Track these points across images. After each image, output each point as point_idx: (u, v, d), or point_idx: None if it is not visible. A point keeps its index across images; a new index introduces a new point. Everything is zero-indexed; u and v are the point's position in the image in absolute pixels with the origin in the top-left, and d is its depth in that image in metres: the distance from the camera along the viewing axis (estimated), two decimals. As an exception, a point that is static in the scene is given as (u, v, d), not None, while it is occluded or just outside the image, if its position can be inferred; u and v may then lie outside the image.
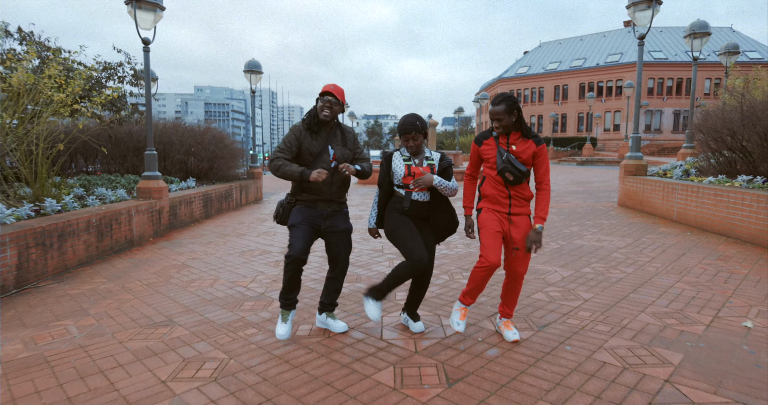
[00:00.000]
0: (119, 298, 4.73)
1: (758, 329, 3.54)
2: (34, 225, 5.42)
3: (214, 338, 3.64)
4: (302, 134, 3.46)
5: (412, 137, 3.33)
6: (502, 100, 3.17)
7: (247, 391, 2.81)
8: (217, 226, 9.31)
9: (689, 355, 3.12)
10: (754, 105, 7.57)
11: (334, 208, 3.58)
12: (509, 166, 3.16)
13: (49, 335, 3.77)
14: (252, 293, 4.78)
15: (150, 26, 8.29)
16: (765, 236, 6.12)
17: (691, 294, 4.40)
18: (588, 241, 6.82)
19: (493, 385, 2.81)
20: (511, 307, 3.53)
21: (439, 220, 3.43)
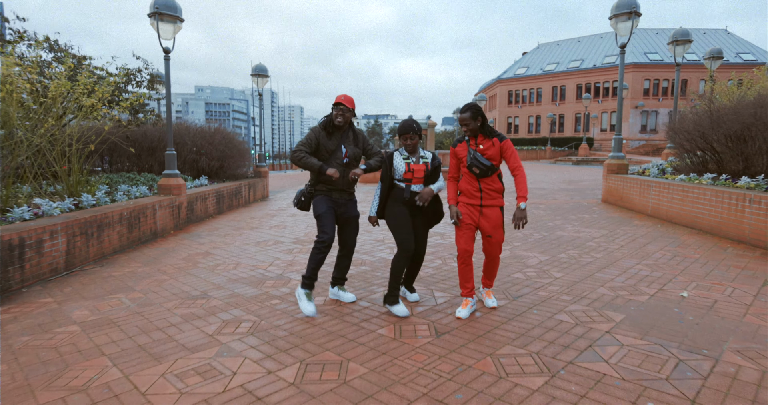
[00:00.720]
0: (157, 278, 5.50)
1: (691, 298, 4.32)
2: (78, 216, 6.20)
3: (245, 306, 4.41)
4: (320, 134, 4.16)
5: (409, 137, 4.03)
6: (467, 108, 3.87)
7: (278, 341, 3.59)
8: (230, 220, 10.08)
9: (629, 315, 3.91)
10: (721, 109, 8.34)
11: (346, 197, 4.29)
12: (475, 161, 3.85)
13: (107, 305, 4.55)
14: (272, 274, 5.55)
15: (170, 37, 9.06)
16: (721, 226, 6.90)
17: (646, 273, 5.18)
18: (568, 233, 7.60)
19: (471, 336, 3.59)
20: (490, 279, 4.29)
21: (431, 208, 4.19)
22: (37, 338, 3.72)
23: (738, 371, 2.92)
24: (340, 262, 4.47)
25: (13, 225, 5.42)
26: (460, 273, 4.07)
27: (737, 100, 8.71)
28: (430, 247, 6.68)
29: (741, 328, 3.61)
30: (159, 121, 12.07)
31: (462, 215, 3.99)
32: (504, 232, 4.04)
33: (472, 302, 4.08)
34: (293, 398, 2.74)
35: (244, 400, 2.73)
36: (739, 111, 7.96)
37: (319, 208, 4.18)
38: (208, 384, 2.93)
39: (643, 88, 49.21)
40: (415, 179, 4.07)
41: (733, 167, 8.28)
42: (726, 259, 5.72)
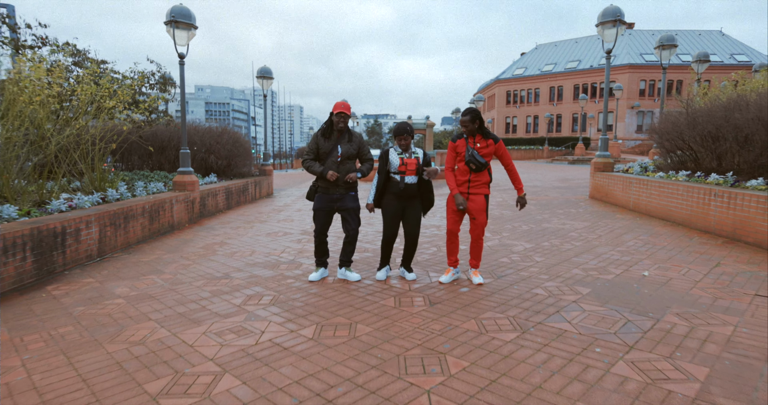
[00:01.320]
0: (181, 263, 6.16)
1: (651, 277, 4.99)
2: (107, 209, 6.86)
3: (264, 284, 5.07)
4: (319, 139, 4.97)
5: (403, 138, 4.84)
6: (468, 112, 4.63)
7: (296, 309, 4.25)
8: (239, 215, 10.74)
9: (595, 289, 4.58)
10: (696, 112, 9.02)
11: (341, 191, 5.01)
12: (473, 158, 4.60)
13: (143, 283, 5.21)
14: (285, 259, 6.22)
15: (185, 43, 9.71)
16: (691, 219, 7.58)
17: (616, 258, 5.85)
18: (554, 225, 8.27)
19: (459, 305, 4.25)
20: (477, 259, 5.01)
21: (424, 196, 4.99)
22: (91, 308, 4.38)
23: (672, 327, 3.59)
24: (344, 247, 5.19)
25: (54, 215, 6.08)
26: (447, 248, 4.96)
27: (711, 102, 9.38)
28: (428, 237, 7.34)
29: (685, 298, 4.28)
30: (171, 121, 12.70)
31: (451, 203, 4.83)
32: (487, 217, 4.80)
33: (453, 271, 5.01)
34: (313, 348, 3.41)
35: (273, 349, 3.40)
36: (712, 113, 8.63)
37: (315, 204, 5.09)
38: (243, 339, 3.59)
39: (639, 88, 49.91)
40: (408, 171, 4.82)
41: (708, 165, 8.95)
42: (690, 246, 6.40)
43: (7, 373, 3.09)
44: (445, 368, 3.04)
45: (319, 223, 5.06)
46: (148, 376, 3.01)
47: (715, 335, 3.43)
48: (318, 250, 5.20)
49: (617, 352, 3.20)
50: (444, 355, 3.22)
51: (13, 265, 4.96)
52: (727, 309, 3.98)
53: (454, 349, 3.32)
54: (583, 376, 2.89)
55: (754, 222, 6.23)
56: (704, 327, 3.60)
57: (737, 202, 6.55)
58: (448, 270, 5.04)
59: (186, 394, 2.78)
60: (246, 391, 2.80)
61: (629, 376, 2.86)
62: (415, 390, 2.78)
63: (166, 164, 12.78)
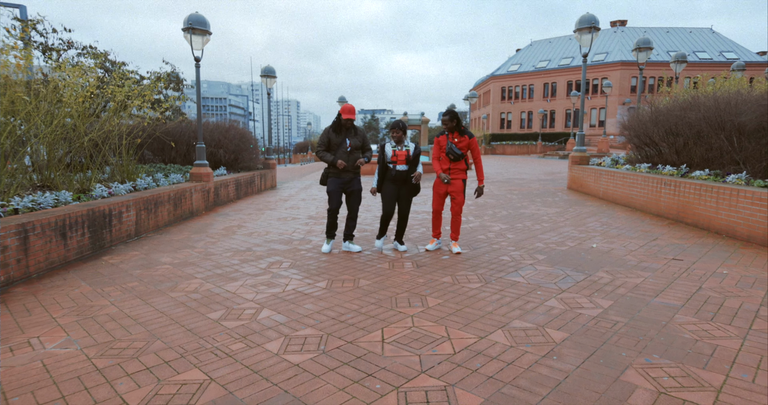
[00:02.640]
0: (208, 241, 7.26)
1: (598, 248, 6.13)
2: (141, 195, 7.95)
3: (282, 255, 6.18)
4: (330, 133, 6.03)
5: (395, 131, 5.93)
6: (447, 113, 5.87)
7: (311, 270, 5.37)
8: (249, 204, 11.84)
9: (549, 256, 5.72)
10: (659, 110, 10.15)
11: (350, 176, 6.10)
12: (451, 150, 5.79)
13: (182, 255, 6.31)
14: (296, 238, 7.33)
15: (200, 47, 10.77)
16: (647, 205, 8.72)
17: (576, 235, 6.99)
18: (529, 211, 9.41)
19: (441, 267, 5.38)
20: (456, 232, 6.15)
21: (414, 185, 6.11)
22: (147, 270, 5.49)
23: (599, 279, 4.73)
24: (348, 223, 6.31)
25: (100, 200, 7.17)
26: (432, 223, 6.26)
27: (672, 102, 10.51)
28: (419, 219, 8.46)
29: (618, 261, 5.42)
30: (185, 119, 13.76)
31: (436, 187, 6.02)
32: (464, 198, 5.95)
33: (437, 241, 6.28)
34: (327, 293, 4.52)
35: (297, 295, 4.51)
36: (672, 111, 9.76)
37: (329, 186, 6.11)
38: (272, 289, 4.70)
39: (630, 85, 51.04)
40: (398, 161, 5.92)
41: (669, 158, 10.09)
42: (639, 226, 7.54)
43: (102, 309, 4.20)
44: (425, 303, 4.16)
45: (334, 202, 6.10)
46: (208, 310, 4.12)
47: (628, 283, 4.57)
48: (330, 225, 6.26)
49: (552, 293, 4.33)
50: (425, 297, 4.35)
51: (76, 239, 6.06)
52: (646, 268, 5.12)
53: (433, 293, 4.44)
54: (524, 306, 4.02)
55: (692, 205, 7.37)
56: (622, 278, 4.74)
57: (681, 189, 7.69)
58: (432, 240, 6.30)
59: (239, 319, 3.89)
60: (281, 317, 3.92)
61: (555, 306, 3.99)
62: (402, 315, 3.90)
63: (178, 158, 13.84)
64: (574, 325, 3.59)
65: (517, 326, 3.60)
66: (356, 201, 6.19)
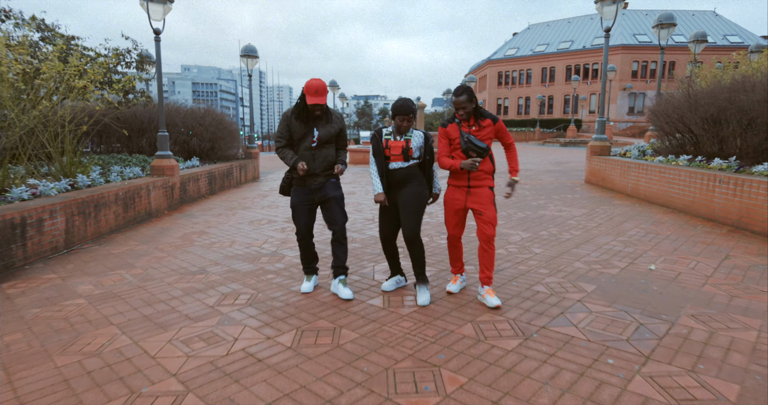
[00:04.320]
0: (155, 256, 5.73)
1: (658, 271, 4.65)
2: (75, 196, 6.38)
3: (243, 281, 4.67)
4: (290, 121, 4.02)
5: (407, 118, 3.80)
6: (463, 91, 3.72)
7: (275, 311, 3.86)
8: (222, 201, 10.28)
9: (600, 286, 4.23)
10: (698, 93, 8.64)
11: (320, 180, 4.09)
12: (471, 145, 3.75)
13: (110, 280, 4.78)
14: (266, 251, 5.81)
15: (160, 17, 9.10)
16: (694, 206, 7.26)
17: (619, 249, 5.51)
18: (550, 212, 7.93)
19: (454, 305, 3.89)
20: (489, 269, 3.91)
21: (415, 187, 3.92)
22: (47, 310, 3.96)
23: (690, 332, 3.25)
24: (335, 249, 4.25)
25: (14, 205, 5.60)
26: (450, 255, 4.22)
27: (714, 84, 9.00)
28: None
29: (698, 296, 3.95)
30: (150, 102, 12.11)
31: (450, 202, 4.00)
32: (496, 210, 3.89)
33: (461, 278, 4.27)
34: (291, 360, 3.02)
35: (246, 361, 3.01)
36: (715, 95, 8.26)
37: (292, 199, 4.20)
38: (212, 348, 3.20)
39: (631, 69, 49.48)
40: (393, 156, 3.88)
41: (709, 149, 8.62)
42: (695, 235, 6.07)
43: (-65, 395, 2.69)
44: (440, 385, 2.67)
45: (300, 222, 4.15)
46: (97, 399, 2.62)
47: (739, 342, 3.10)
48: (304, 255, 4.33)
49: (632, 363, 2.86)
50: (438, 368, 2.86)
51: (-37, 261, 4.51)
52: (747, 310, 3.65)
53: (450, 361, 2.95)
54: (598, 395, 2.54)
55: (762, 210, 5.90)
56: (725, 332, 3.26)
57: (744, 188, 6.22)
58: (455, 278, 4.27)
59: (139, 422, 2.39)
60: (210, 416, 2.42)
61: (650, 396, 2.51)
62: (405, 415, 2.41)
63: (147, 147, 12.23)
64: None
65: (604, 451, 2.12)
66: (337, 213, 4.16)
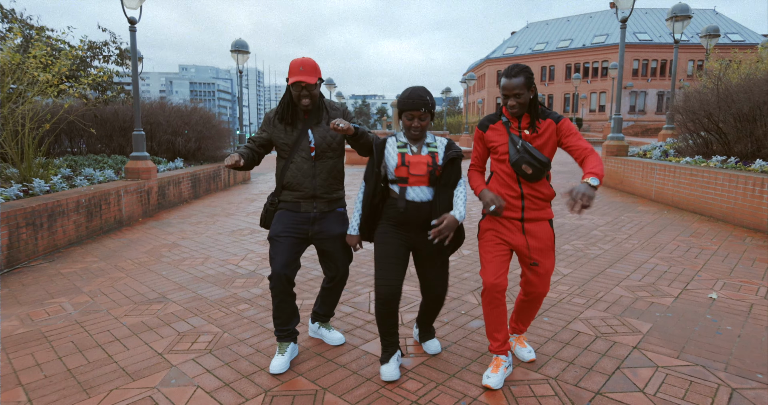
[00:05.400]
0: (112, 276, 4.83)
1: (722, 300, 3.77)
2: (23, 205, 5.47)
3: (208, 313, 3.77)
4: (271, 124, 2.88)
5: (419, 115, 2.53)
6: (519, 71, 2.45)
7: (241, 361, 2.97)
8: (206, 206, 9.38)
9: (657, 324, 3.34)
10: (730, 88, 7.77)
11: (322, 208, 2.88)
12: (527, 156, 2.46)
13: (44, 312, 3.88)
14: (243, 271, 4.91)
15: (136, 6, 8.21)
16: (735, 214, 6.39)
17: (663, 269, 4.62)
18: (569, 220, 7.04)
19: (474, 354, 2.99)
20: (525, 324, 2.93)
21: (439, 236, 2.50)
22: (-54, 360, 3.06)
23: (809, 406, 2.36)
24: (324, 295, 3.10)
25: (-59, 217, 4.69)
26: (487, 319, 2.65)
27: (746, 77, 8.13)
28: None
29: (791, 341, 3.06)
30: (129, 98, 11.20)
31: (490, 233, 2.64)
32: (555, 261, 2.68)
33: (506, 363, 2.66)
34: (251, 450, 2.13)
35: (187, 453, 2.11)
36: (751, 89, 7.39)
37: (273, 228, 2.87)
38: (145, 428, 2.30)
39: (632, 68, 48.69)
40: (412, 178, 2.57)
41: (741, 149, 7.76)
42: (747, 251, 5.19)
43: None
44: None
45: (277, 263, 2.73)
46: None
47: None
48: (279, 312, 2.85)
49: (744, 464, 1.97)
50: (461, 471, 1.97)
51: None
52: None
53: (477, 456, 2.06)
54: None
55: (828, 221, 5.03)
56: None
57: (802, 195, 5.35)
58: (497, 362, 2.65)
59: None
60: None
61: None
62: None
63: (128, 147, 11.31)
64: None
65: None
66: (342, 257, 2.94)
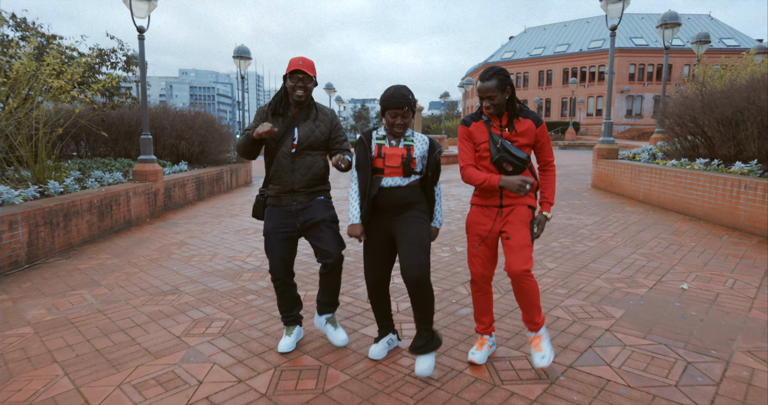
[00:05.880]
0: (126, 271, 5.15)
1: (692, 290, 4.10)
2: (42, 205, 5.79)
3: (219, 303, 4.09)
4: (265, 116, 3.05)
5: (402, 114, 2.69)
6: (492, 74, 2.70)
7: (252, 343, 3.29)
8: (210, 207, 9.70)
9: (629, 311, 3.67)
10: (713, 94, 8.12)
11: (301, 200, 3.03)
12: (506, 155, 2.65)
13: (68, 302, 4.20)
14: (249, 266, 5.23)
15: (145, 15, 8.56)
16: (715, 213, 6.72)
17: (642, 263, 4.95)
18: (559, 219, 7.37)
19: (462, 336, 3.32)
20: (530, 314, 2.79)
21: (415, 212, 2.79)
22: (-16, 342, 3.38)
23: (752, 376, 2.68)
24: (324, 283, 3.16)
25: (-33, 215, 5.02)
26: (475, 306, 2.97)
27: (729, 83, 8.49)
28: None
29: (748, 324, 3.38)
30: (136, 103, 11.53)
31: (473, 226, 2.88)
32: (532, 235, 2.76)
33: (490, 342, 2.98)
34: (264, 412, 2.45)
35: (209, 415, 2.44)
36: (732, 95, 7.74)
37: (266, 225, 3.08)
38: (170, 396, 2.62)
39: (628, 72, 49.16)
40: (387, 169, 2.75)
41: (725, 152, 8.09)
42: (723, 247, 5.53)
43: None
44: (450, 453, 2.10)
45: (275, 256, 3.04)
46: (11, 473, 2.04)
47: (814, 389, 2.54)
48: (282, 301, 3.17)
49: (690, 420, 2.30)
50: (447, 427, 2.29)
51: None
52: (809, 342, 3.10)
53: (461, 415, 2.39)
54: (654, 469, 1.97)
55: (798, 219, 5.37)
56: (792, 374, 2.71)
57: (775, 195, 5.69)
58: (480, 341, 2.96)
59: None
60: None
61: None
62: None
63: (133, 151, 11.63)
64: None
65: None
66: (330, 240, 3.06)
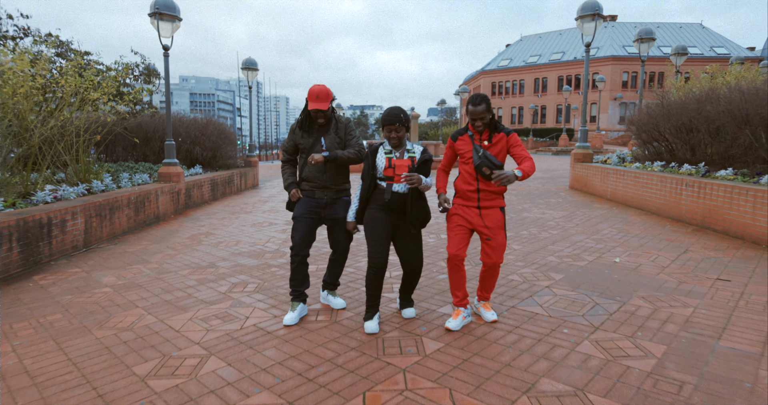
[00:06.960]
0: (167, 253, 6.25)
1: (622, 263, 5.22)
2: (93, 200, 6.91)
3: (250, 273, 5.20)
4: (296, 133, 3.89)
5: (395, 129, 3.46)
6: (481, 100, 3.38)
7: (280, 296, 4.40)
8: (225, 206, 10.81)
9: (567, 275, 4.79)
10: (671, 104, 9.27)
11: (331, 195, 3.83)
12: (486, 161, 3.37)
13: (130, 273, 5.30)
14: (269, 249, 6.34)
15: (169, 35, 9.70)
16: (664, 208, 7.85)
17: (591, 245, 6.08)
18: (533, 214, 8.49)
19: (437, 291, 4.43)
20: (488, 291, 3.76)
21: (417, 207, 3.52)
22: (79, 296, 4.48)
23: (637, 309, 3.80)
24: (331, 266, 4.07)
25: (39, 207, 6.13)
26: (451, 281, 3.67)
27: (685, 95, 9.64)
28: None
29: (652, 282, 4.50)
30: (156, 113, 12.67)
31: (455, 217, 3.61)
32: (506, 235, 3.59)
33: (464, 312, 3.65)
34: (296, 331, 3.56)
35: (257, 333, 3.54)
36: (686, 105, 8.89)
37: (297, 210, 3.88)
38: (228, 324, 3.73)
39: (621, 80, 50.46)
40: (397, 177, 3.48)
41: (682, 156, 9.23)
42: (662, 234, 6.65)
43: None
44: (421, 349, 3.21)
45: (299, 234, 3.77)
46: (136, 360, 3.14)
47: (676, 316, 3.66)
48: (295, 275, 3.86)
49: (583, 332, 3.40)
50: (420, 337, 3.40)
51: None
52: (689, 292, 4.21)
53: (431, 332, 3.49)
54: (550, 354, 3.08)
55: (722, 210, 6.49)
56: (666, 309, 3.82)
57: (707, 191, 6.81)
58: (456, 312, 3.65)
59: (173, 376, 2.91)
60: (230, 371, 2.95)
61: (592, 354, 3.06)
62: (391, 368, 2.94)
63: (151, 156, 12.77)
64: (624, 388, 2.66)
65: (548, 390, 2.66)
66: (343, 236, 3.90)
